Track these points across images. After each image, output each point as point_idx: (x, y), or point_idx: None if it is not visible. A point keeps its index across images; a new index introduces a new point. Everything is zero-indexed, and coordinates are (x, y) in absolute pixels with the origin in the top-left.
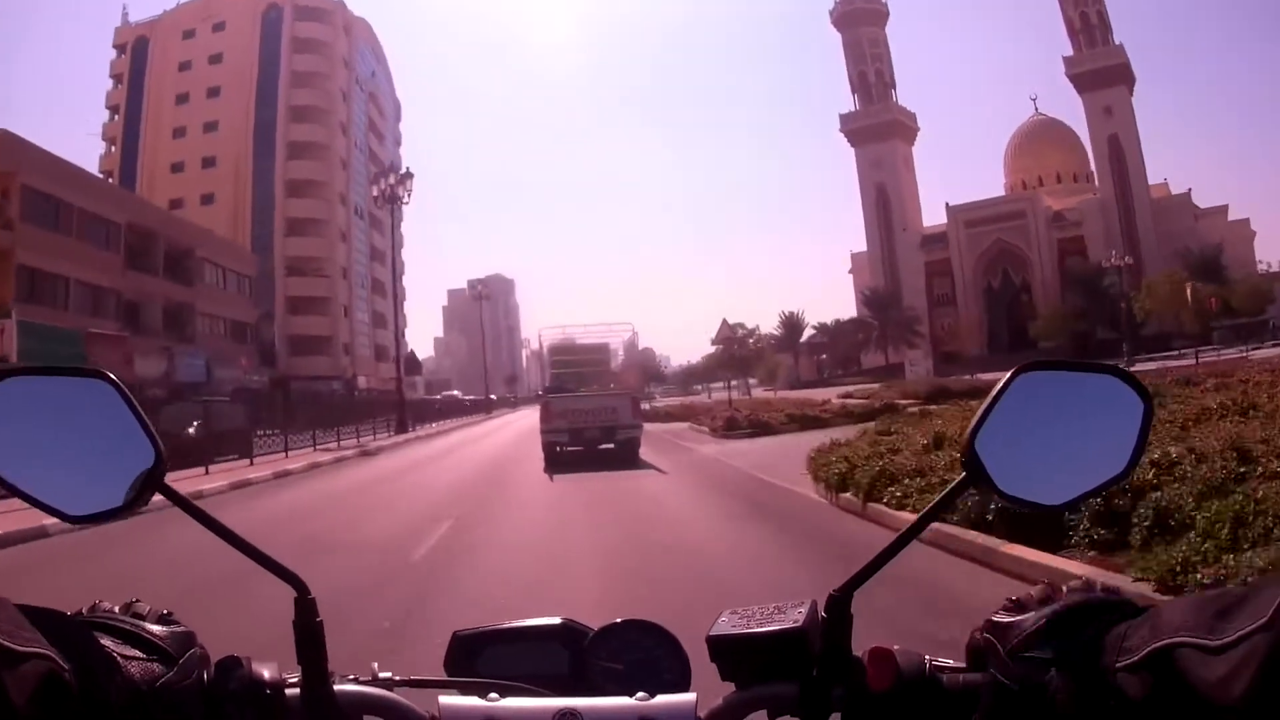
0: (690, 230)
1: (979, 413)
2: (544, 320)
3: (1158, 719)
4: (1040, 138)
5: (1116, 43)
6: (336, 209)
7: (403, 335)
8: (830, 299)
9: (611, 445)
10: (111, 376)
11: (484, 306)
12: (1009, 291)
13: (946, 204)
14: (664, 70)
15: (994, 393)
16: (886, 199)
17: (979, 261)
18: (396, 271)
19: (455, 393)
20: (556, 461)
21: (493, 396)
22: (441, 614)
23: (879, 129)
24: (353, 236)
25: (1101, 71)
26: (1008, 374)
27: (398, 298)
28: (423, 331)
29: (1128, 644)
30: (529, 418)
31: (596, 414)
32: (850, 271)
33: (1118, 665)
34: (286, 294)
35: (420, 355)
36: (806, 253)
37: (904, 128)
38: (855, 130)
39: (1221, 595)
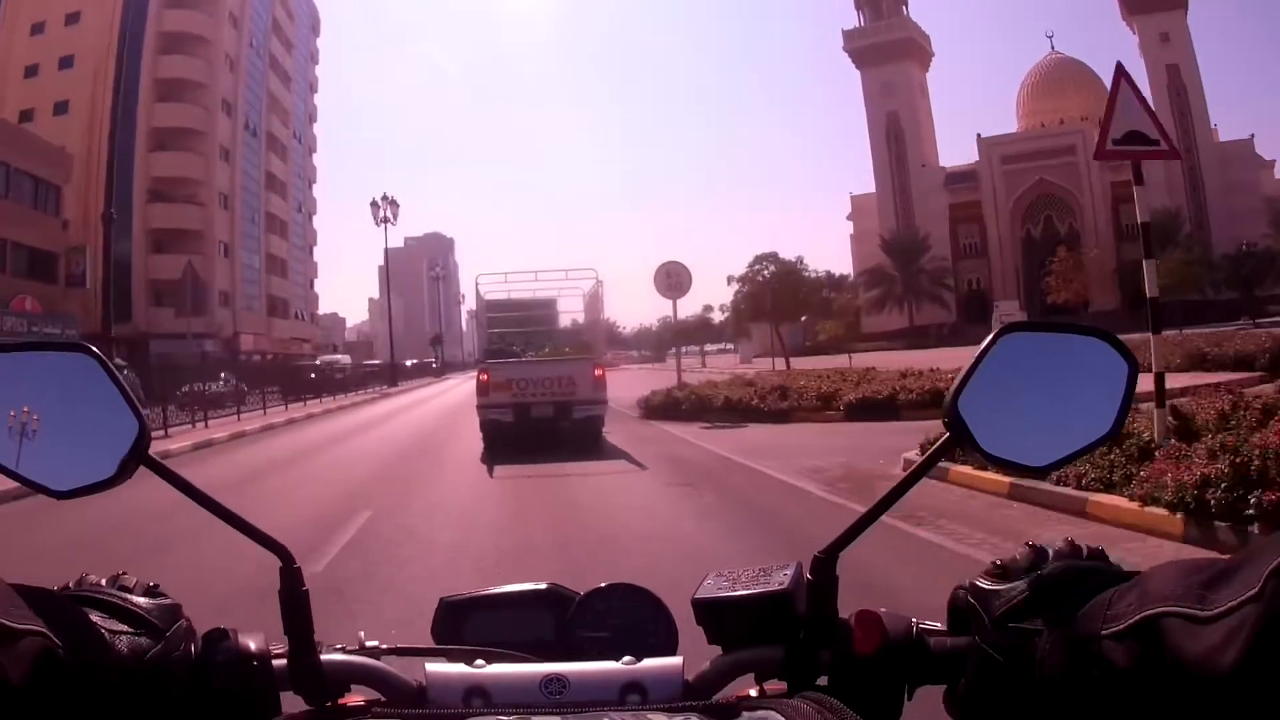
0: (648, 179)
1: (961, 373)
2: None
3: (1144, 688)
4: (1059, 78)
5: None
6: (218, 120)
7: (311, 286)
8: (819, 249)
9: (566, 425)
10: (93, 349)
11: (422, 267)
12: (1051, 241)
13: (978, 135)
14: None
15: (977, 354)
16: (899, 131)
17: (1017, 205)
18: (305, 206)
19: (339, 358)
20: (498, 447)
21: (408, 362)
22: None
23: (890, 48)
24: (239, 157)
25: None
26: (991, 334)
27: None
28: (357, 293)
29: (1113, 611)
30: (457, 393)
31: (548, 385)
32: (849, 217)
33: (1104, 633)
34: (148, 225)
35: (352, 319)
36: (787, 198)
37: (919, 49)
38: (862, 49)
39: (1211, 564)
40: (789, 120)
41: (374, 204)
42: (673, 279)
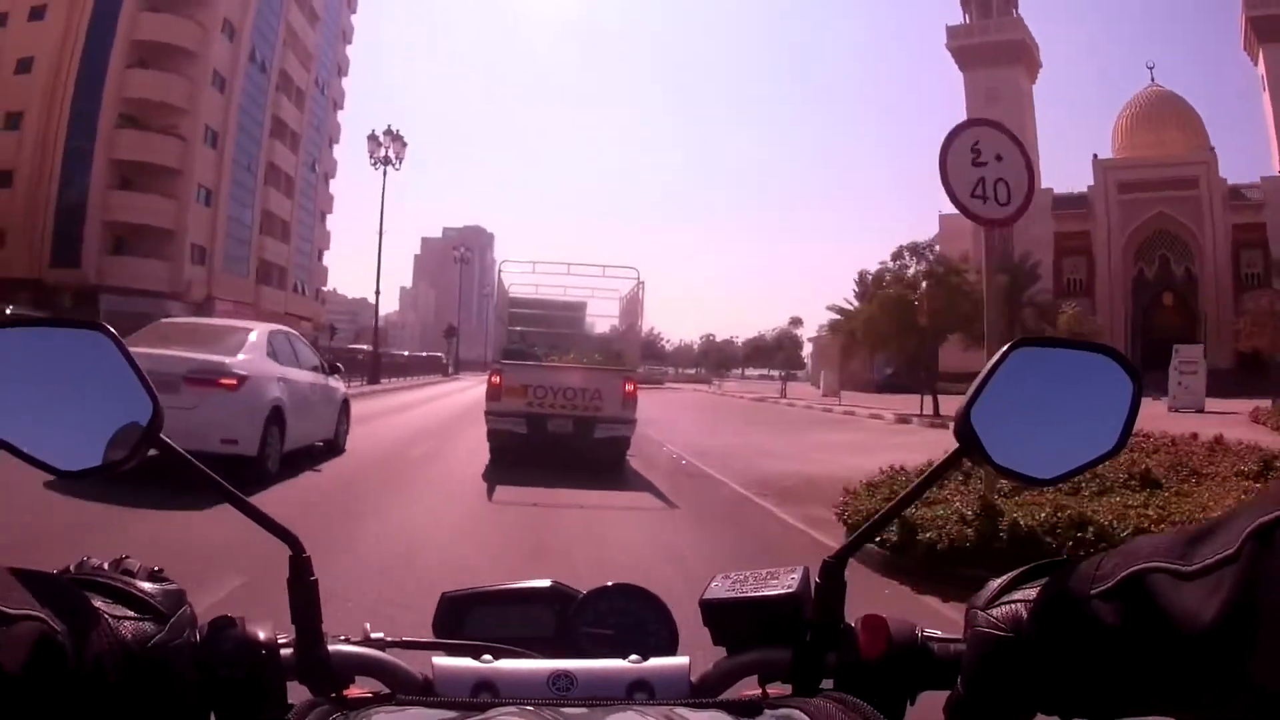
0: (707, 191)
1: (973, 386)
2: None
3: (1132, 645)
4: (1159, 112)
5: None
6: (215, 41)
7: (319, 258)
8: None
9: (586, 445)
10: (108, 328)
11: (458, 261)
12: (1161, 284)
13: (1094, 156)
14: None
15: (988, 367)
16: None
17: (1131, 240)
18: (321, 165)
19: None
20: (504, 463)
21: (405, 353)
22: None
23: (998, 50)
24: (238, 91)
25: None
26: (1003, 348)
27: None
28: (388, 280)
29: (1101, 572)
30: (449, 405)
31: (569, 396)
32: (934, 240)
33: (1092, 592)
34: (113, 154)
35: (385, 308)
36: (858, 218)
37: (1028, 55)
38: (968, 48)
39: (1196, 526)
40: (864, 129)
41: (372, 138)
42: None
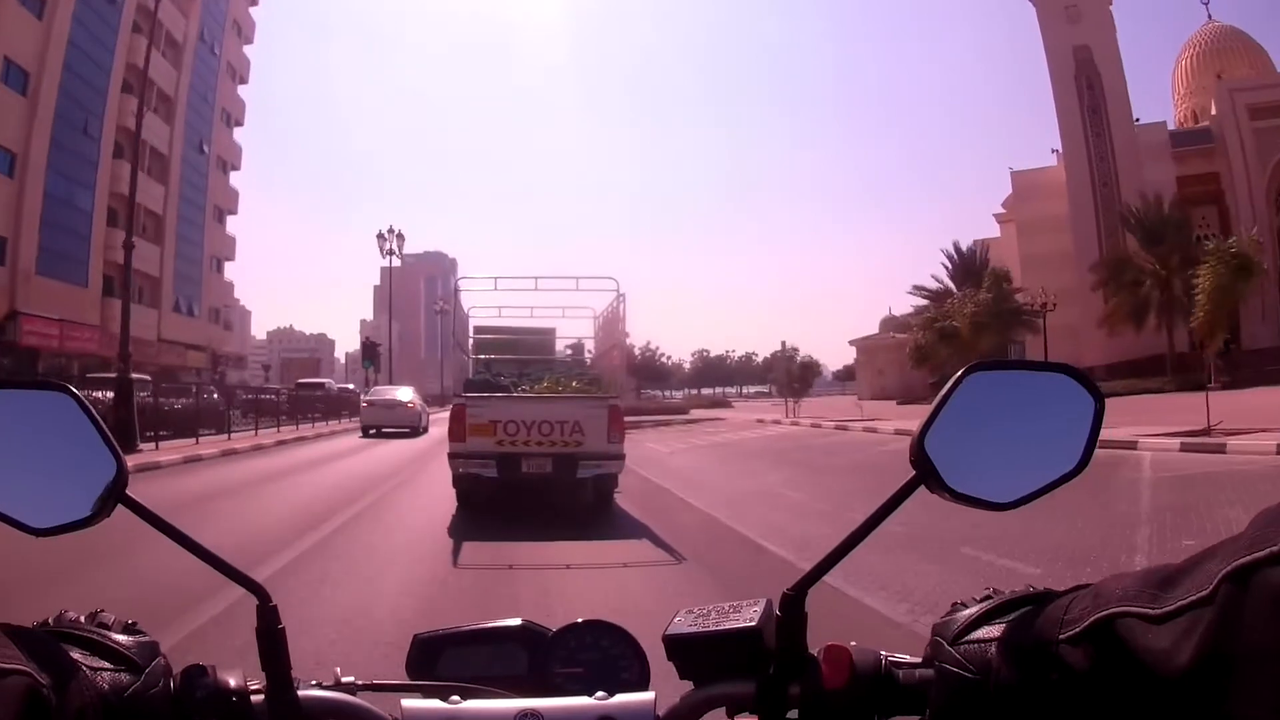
0: (705, 192)
1: (929, 412)
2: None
3: (1102, 690)
4: (1223, 48)
5: None
6: None
7: (217, 269)
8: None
9: (567, 486)
10: (72, 389)
11: (420, 288)
12: None
13: (1218, 76)
14: None
15: (943, 392)
16: (1094, 74)
17: (1272, 179)
18: (212, 147)
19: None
20: (472, 511)
21: (344, 386)
22: None
23: None
24: (62, 14)
25: None
26: (957, 374)
27: None
28: (348, 312)
29: (1070, 615)
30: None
31: (545, 431)
32: (1004, 206)
33: (1060, 637)
34: None
35: (345, 343)
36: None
37: None
38: None
39: (1165, 567)
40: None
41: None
42: None
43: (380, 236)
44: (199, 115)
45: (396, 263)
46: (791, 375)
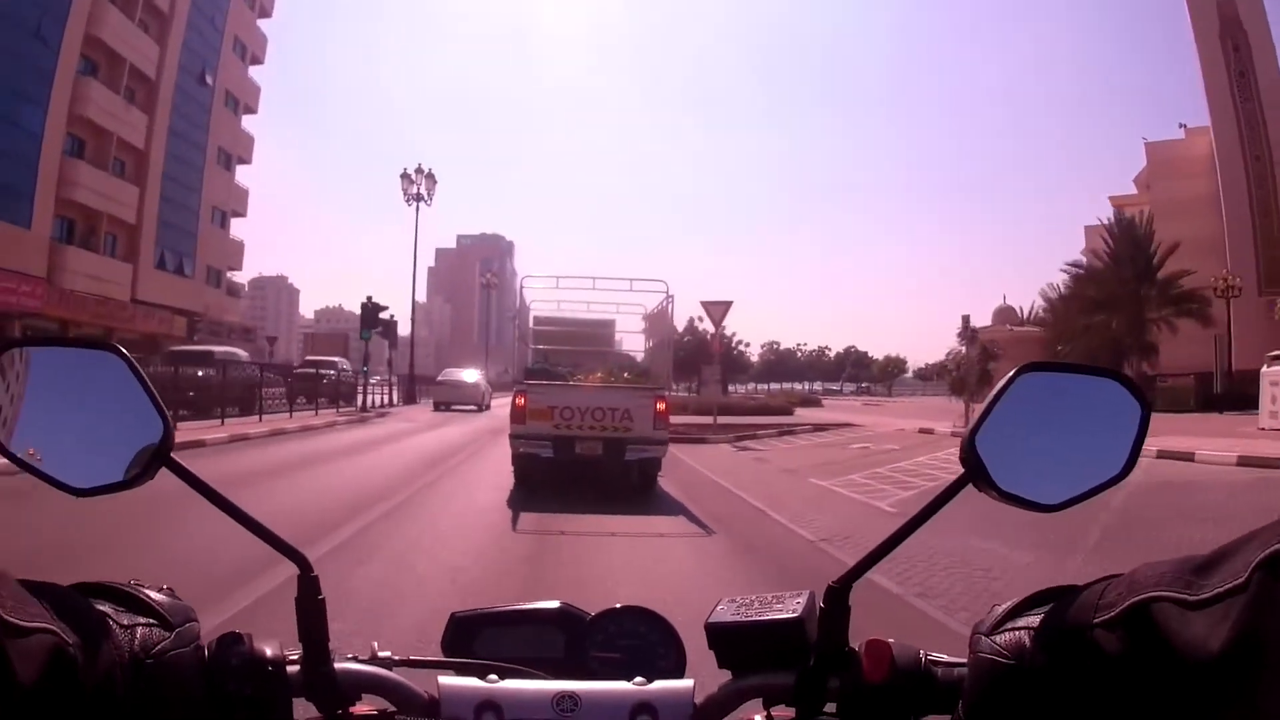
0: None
1: (980, 412)
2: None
3: (1136, 675)
4: None
5: None
6: None
7: (220, 224)
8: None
9: (616, 467)
10: (121, 350)
11: (475, 271)
12: None
13: None
14: None
15: (994, 392)
16: (1240, 35)
17: None
18: (217, 80)
19: (236, 351)
20: (530, 486)
21: (331, 360)
22: None
23: None
24: None
25: None
26: (1009, 373)
27: None
28: (400, 294)
29: (1105, 601)
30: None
31: (598, 417)
32: (1137, 180)
33: (1095, 621)
34: None
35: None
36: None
37: None
38: None
39: (1201, 555)
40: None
41: (405, 176)
42: None
43: (405, 177)
44: (203, 39)
45: (445, 229)
46: (978, 375)
